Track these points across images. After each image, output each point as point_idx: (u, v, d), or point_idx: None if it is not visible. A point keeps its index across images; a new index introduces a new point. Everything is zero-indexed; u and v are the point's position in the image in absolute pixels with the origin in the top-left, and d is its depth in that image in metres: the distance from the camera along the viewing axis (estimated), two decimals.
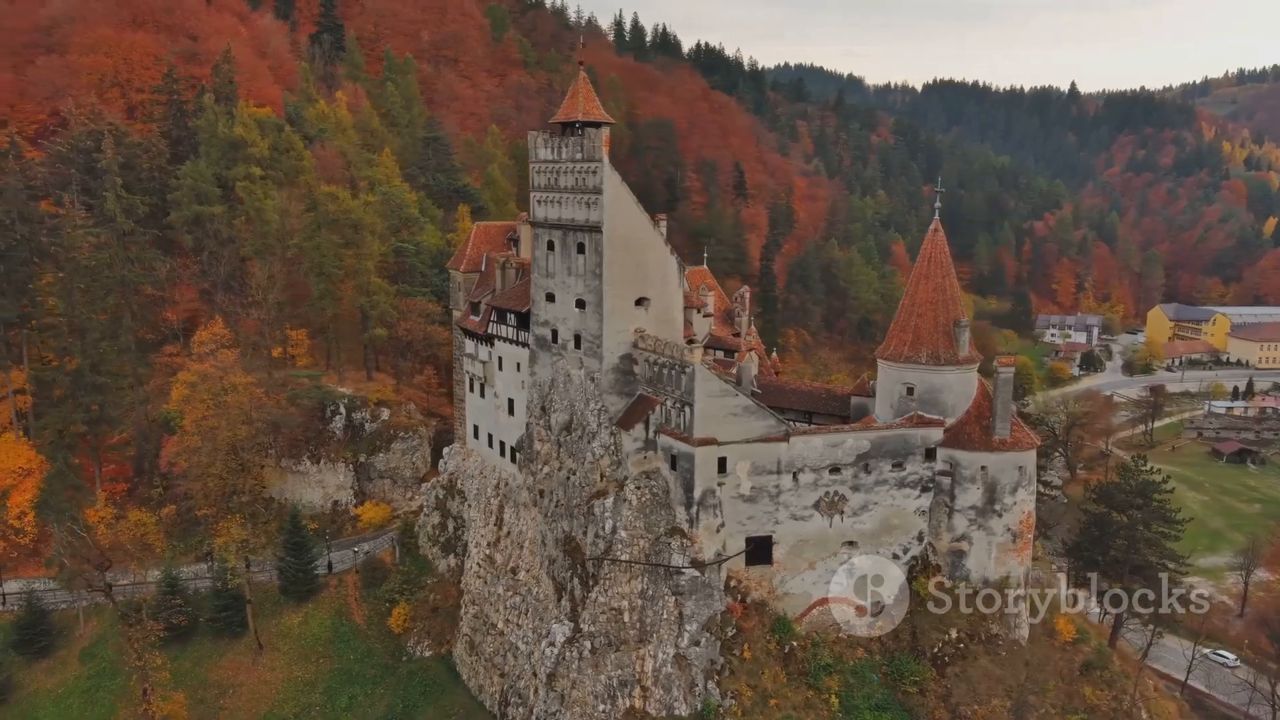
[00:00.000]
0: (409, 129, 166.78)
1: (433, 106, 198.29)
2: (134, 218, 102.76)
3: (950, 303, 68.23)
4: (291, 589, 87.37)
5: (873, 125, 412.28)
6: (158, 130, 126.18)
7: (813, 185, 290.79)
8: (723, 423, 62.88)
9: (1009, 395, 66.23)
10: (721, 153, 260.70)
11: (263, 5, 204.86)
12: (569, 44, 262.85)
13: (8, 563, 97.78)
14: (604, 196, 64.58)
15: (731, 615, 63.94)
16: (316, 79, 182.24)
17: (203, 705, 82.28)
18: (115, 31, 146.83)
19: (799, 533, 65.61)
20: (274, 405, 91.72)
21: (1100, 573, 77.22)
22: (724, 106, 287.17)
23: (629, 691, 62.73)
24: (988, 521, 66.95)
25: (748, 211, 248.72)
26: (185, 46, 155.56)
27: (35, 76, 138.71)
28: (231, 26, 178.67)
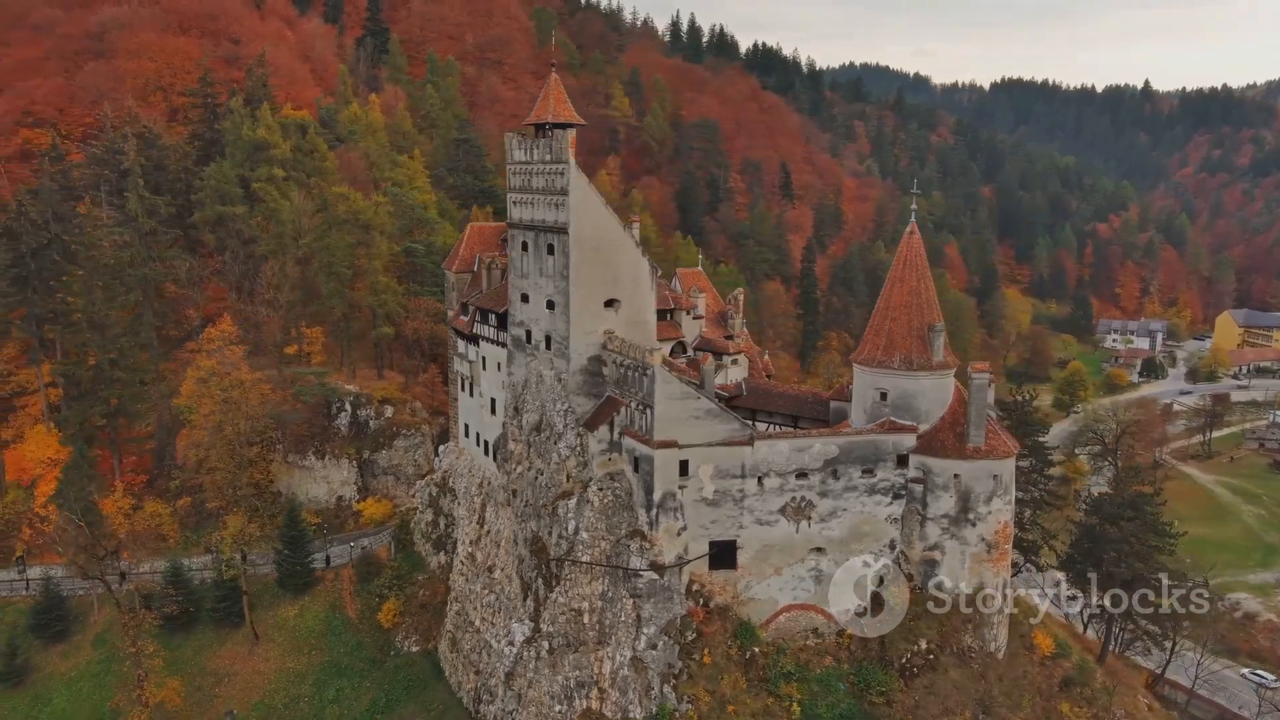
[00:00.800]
0: (444, 130, 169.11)
1: (474, 109, 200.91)
2: (157, 218, 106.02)
3: (925, 307, 66.96)
4: (288, 581, 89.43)
5: (932, 125, 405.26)
6: (192, 133, 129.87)
7: (863, 186, 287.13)
8: (684, 425, 62.58)
9: (984, 402, 64.70)
10: (768, 153, 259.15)
11: (312, 10, 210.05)
12: (616, 45, 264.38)
13: (34, 549, 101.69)
14: (570, 198, 64.78)
15: (692, 619, 63.57)
16: (360, 82, 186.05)
17: (199, 692, 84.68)
18: (159, 37, 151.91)
19: (764, 538, 64.95)
20: (279, 402, 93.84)
21: (1095, 584, 74.91)
22: (773, 107, 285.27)
23: (586, 693, 62.82)
24: (961, 531, 65.50)
25: (793, 212, 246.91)
26: (227, 51, 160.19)
27: (82, 81, 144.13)
28: (277, 31, 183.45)
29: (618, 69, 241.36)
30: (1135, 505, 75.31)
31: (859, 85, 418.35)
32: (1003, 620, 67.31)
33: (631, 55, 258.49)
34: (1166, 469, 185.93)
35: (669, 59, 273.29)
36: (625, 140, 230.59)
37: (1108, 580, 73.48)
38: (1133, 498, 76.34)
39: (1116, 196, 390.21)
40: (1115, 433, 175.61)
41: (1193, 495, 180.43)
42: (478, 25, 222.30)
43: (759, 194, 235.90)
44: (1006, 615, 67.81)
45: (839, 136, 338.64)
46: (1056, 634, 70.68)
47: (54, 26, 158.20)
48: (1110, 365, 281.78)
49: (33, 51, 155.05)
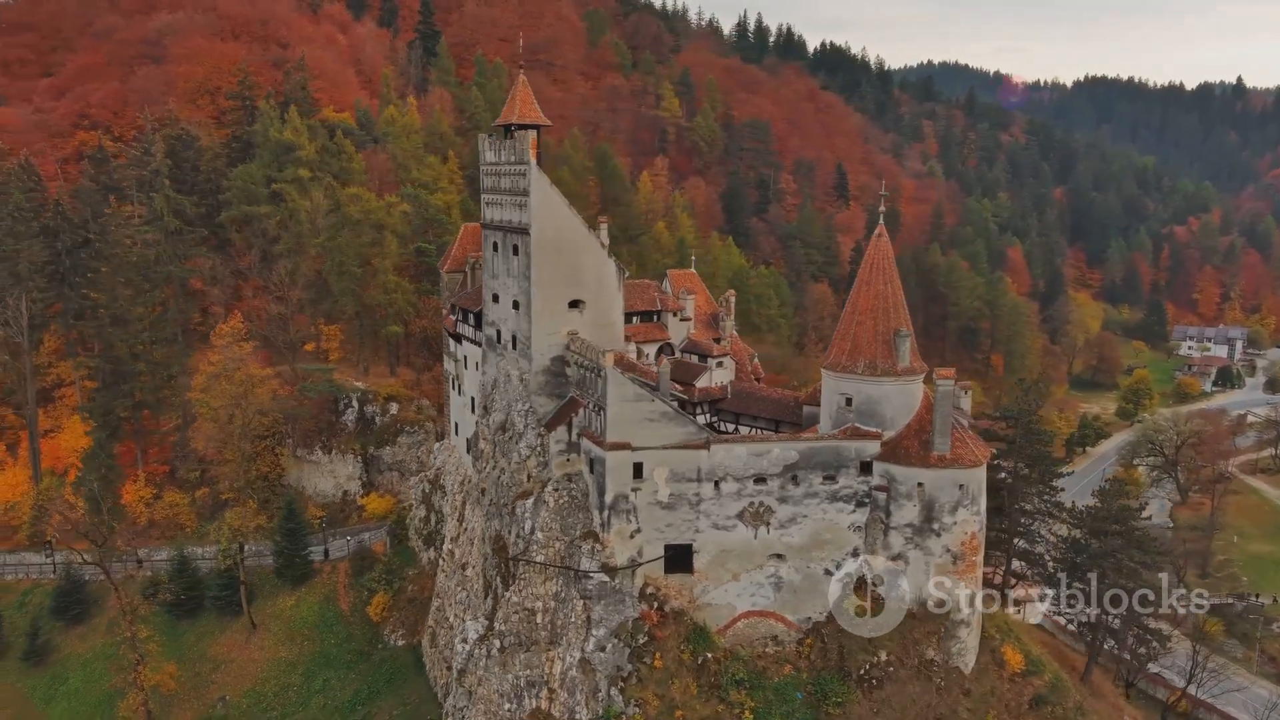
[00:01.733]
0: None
1: None
2: (183, 217, 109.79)
3: (891, 311, 65.49)
4: (286, 573, 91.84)
5: (1004, 124, 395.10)
6: (231, 135, 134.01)
7: (923, 187, 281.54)
8: (638, 427, 62.34)
9: (948, 409, 63.04)
10: (824, 154, 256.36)
11: (367, 15, 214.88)
12: (670, 46, 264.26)
13: (62, 534, 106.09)
14: (530, 199, 65.14)
15: (644, 622, 63.31)
16: (408, 84, 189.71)
17: (197, 678, 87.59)
18: (209, 42, 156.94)
19: (721, 543, 64.31)
20: (288, 397, 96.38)
21: (1083, 598, 72.35)
22: (831, 107, 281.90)
23: (537, 692, 63.14)
24: (925, 541, 63.92)
25: (845, 214, 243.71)
26: (276, 55, 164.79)
27: (135, 85, 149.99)
28: (328, 35, 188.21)
29: (669, 69, 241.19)
30: (1121, 519, 72.47)
31: (930, 84, 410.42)
32: (971, 633, 65.54)
33: (686, 56, 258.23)
34: (1230, 482, 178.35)
35: (724, 59, 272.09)
36: (675, 141, 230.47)
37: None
38: (1118, 511, 73.37)
39: (1197, 198, 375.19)
40: (1175, 444, 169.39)
41: (1258, 511, 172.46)
42: (529, 28, 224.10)
43: (809, 194, 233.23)
44: (975, 629, 66.04)
45: (905, 136, 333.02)
46: (1030, 650, 68.44)
47: (113, 33, 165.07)
48: (1183, 373, 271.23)
49: (93, 57, 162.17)
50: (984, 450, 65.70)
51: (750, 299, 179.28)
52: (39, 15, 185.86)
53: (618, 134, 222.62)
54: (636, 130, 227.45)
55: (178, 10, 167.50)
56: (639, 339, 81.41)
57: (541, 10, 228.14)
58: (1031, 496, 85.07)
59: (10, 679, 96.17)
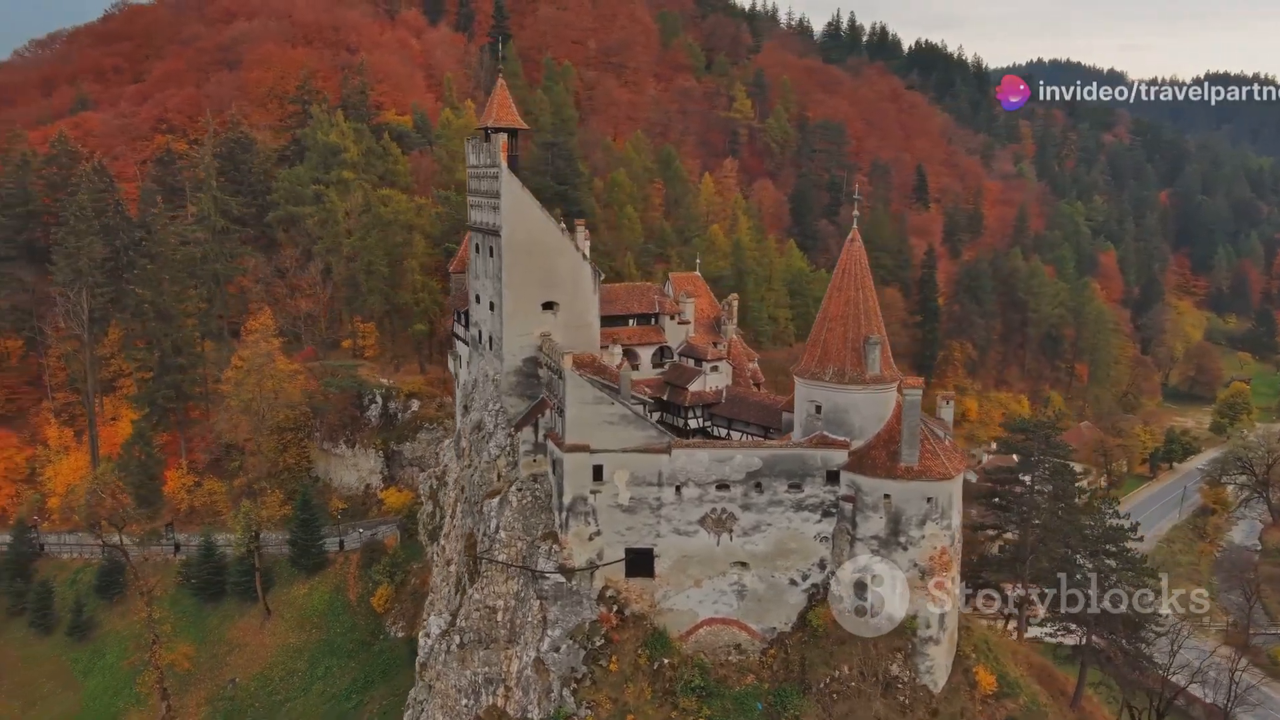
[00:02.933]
0: (546, 135, 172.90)
1: (591, 113, 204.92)
2: (229, 217, 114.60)
3: (862, 318, 63.96)
4: (300, 561, 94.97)
5: (1109, 124, 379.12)
6: (291, 138, 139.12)
7: (1009, 189, 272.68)
8: (597, 430, 62.40)
9: (916, 419, 61.20)
10: (902, 155, 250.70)
11: (444, 20, 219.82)
12: (747, 47, 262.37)
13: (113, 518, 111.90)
14: (501, 201, 65.89)
15: (602, 625, 63.38)
16: (477, 87, 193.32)
17: (214, 659, 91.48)
18: (279, 48, 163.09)
19: (683, 548, 63.86)
20: (311, 392, 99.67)
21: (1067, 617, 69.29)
22: (914, 107, 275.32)
23: (494, 690, 63.94)
24: (892, 554, 62.20)
25: (923, 216, 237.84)
26: (345, 60, 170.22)
27: (209, 90, 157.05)
28: (401, 40, 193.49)
29: (743, 70, 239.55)
30: (1112, 539, 68.97)
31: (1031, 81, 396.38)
32: (942, 651, 63.49)
33: (763, 57, 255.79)
34: None
35: (803, 59, 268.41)
36: (746, 143, 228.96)
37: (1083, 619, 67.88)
38: (1108, 531, 69.77)
39: None
40: (1266, 462, 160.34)
41: None
42: (601, 30, 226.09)
43: (881, 197, 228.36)
44: (947, 647, 63.96)
45: (998, 137, 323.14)
46: (1008, 671, 65.86)
47: (195, 41, 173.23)
48: None
49: (176, 64, 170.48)
50: (958, 463, 63.50)
51: (809, 303, 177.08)
52: (135, 25, 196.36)
53: (688, 136, 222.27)
54: (707, 132, 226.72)
55: (254, 18, 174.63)
56: (635, 341, 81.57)
57: (615, 12, 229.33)
58: (1044, 513, 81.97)
59: (57, 651, 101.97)
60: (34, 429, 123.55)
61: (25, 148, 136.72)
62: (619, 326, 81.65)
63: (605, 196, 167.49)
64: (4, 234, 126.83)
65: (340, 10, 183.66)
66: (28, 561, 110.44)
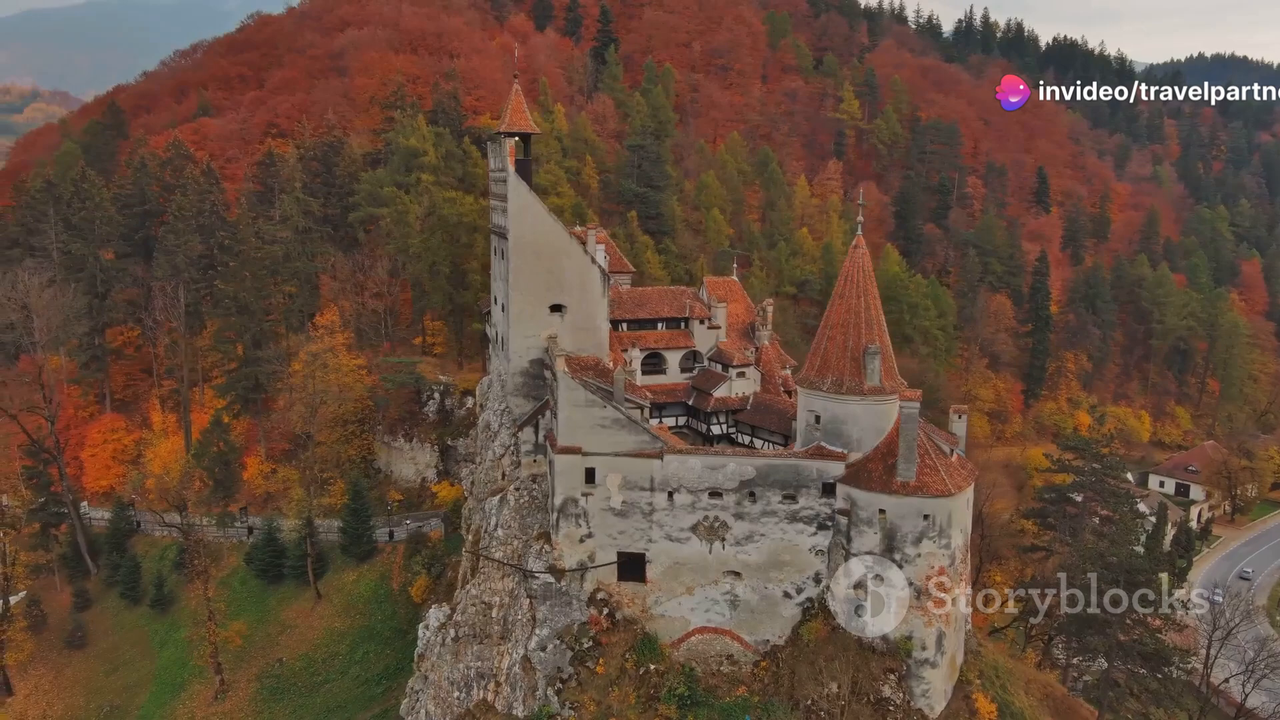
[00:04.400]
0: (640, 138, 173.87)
1: (693, 116, 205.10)
2: (312, 218, 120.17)
3: (864, 327, 62.10)
4: (350, 549, 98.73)
5: (1267, 123, 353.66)
6: (386, 141, 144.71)
7: (1139, 192, 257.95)
8: (590, 433, 62.71)
9: (914, 433, 59.00)
10: (1022, 157, 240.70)
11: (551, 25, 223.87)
12: (861, 47, 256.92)
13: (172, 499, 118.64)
14: (509, 204, 66.98)
15: (591, 627, 63.65)
16: (577, 92, 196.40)
17: (267, 638, 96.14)
18: (382, 55, 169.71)
19: (675, 554, 63.49)
20: (373, 386, 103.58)
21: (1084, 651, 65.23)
22: (1038, 106, 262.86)
23: (485, 684, 65.07)
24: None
25: (1041, 221, 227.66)
26: (447, 67, 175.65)
27: (316, 96, 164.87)
28: (506, 46, 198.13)
29: (853, 70, 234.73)
30: (1130, 571, 64.35)
31: (1177, 78, 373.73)
32: (939, 675, 61.02)
33: (877, 56, 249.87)
34: None
35: (920, 58, 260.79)
36: (853, 144, 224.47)
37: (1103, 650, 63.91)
38: (1129, 560, 65.12)
39: None
40: None
41: None
42: (707, 32, 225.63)
43: (995, 199, 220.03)
44: (946, 671, 61.42)
45: (1138, 138, 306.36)
46: (1011, 701, 62.68)
47: (308, 49, 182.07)
48: None
49: (291, 72, 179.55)
50: (960, 480, 60.84)
51: (904, 308, 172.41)
52: (261, 35, 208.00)
53: (794, 137, 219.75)
54: (814, 133, 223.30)
55: (364, 27, 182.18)
56: (662, 345, 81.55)
57: (721, 14, 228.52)
58: (1088, 536, 77.73)
59: (141, 621, 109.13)
60: (144, 414, 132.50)
61: (146, 151, 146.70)
62: (647, 330, 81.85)
63: (694, 199, 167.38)
64: (122, 232, 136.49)
65: (444, 18, 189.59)
66: (125, 537, 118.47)
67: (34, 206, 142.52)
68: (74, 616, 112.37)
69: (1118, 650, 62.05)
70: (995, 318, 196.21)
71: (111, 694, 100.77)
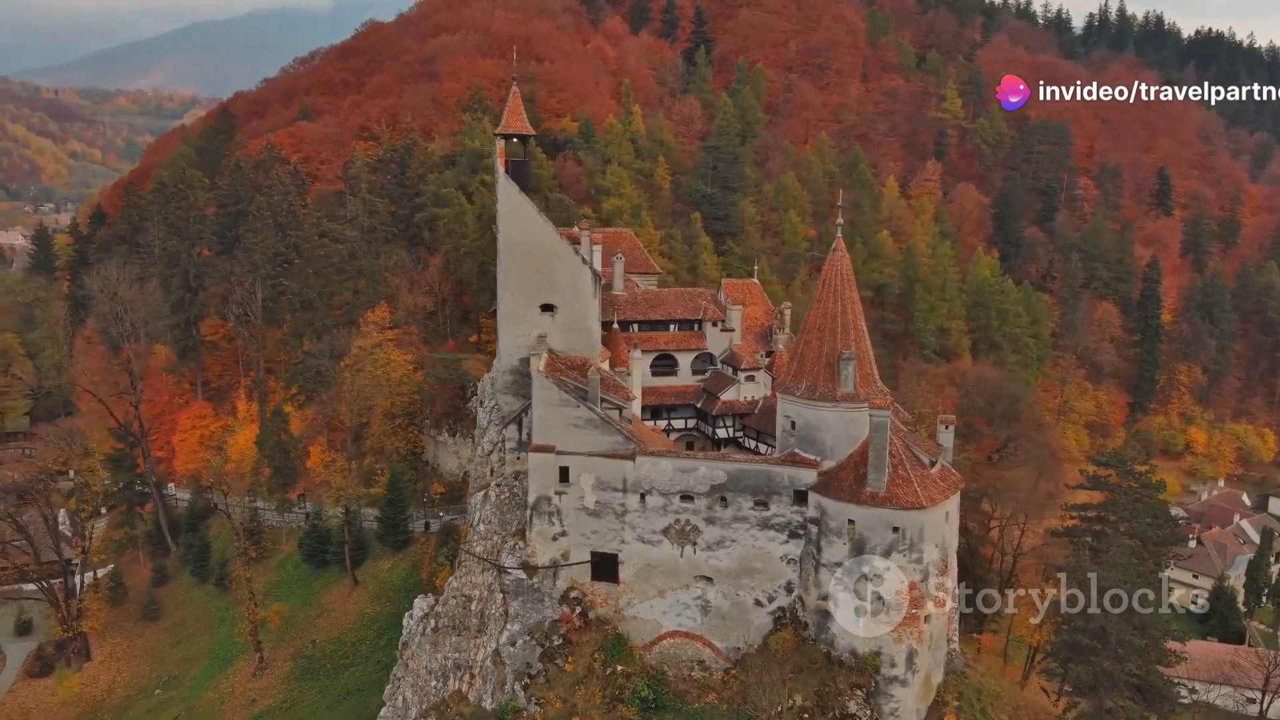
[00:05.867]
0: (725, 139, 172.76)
1: (787, 117, 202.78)
2: (378, 218, 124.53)
3: (840, 332, 60.42)
4: (387, 538, 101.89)
5: None
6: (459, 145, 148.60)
7: (1276, 194, 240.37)
8: (563, 432, 63.13)
9: (884, 443, 57.07)
10: (1144, 156, 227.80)
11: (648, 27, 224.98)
12: (974, 44, 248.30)
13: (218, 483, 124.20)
14: (499, 205, 68.05)
15: (562, 625, 64.00)
16: (667, 93, 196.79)
17: (304, 620, 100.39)
18: (469, 60, 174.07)
19: (647, 556, 63.25)
20: (415, 382, 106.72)
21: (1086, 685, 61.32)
22: (1162, 105, 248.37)
23: (461, 675, 66.29)
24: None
25: (1160, 224, 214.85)
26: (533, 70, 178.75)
27: (406, 100, 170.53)
28: (598, 49, 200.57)
29: (958, 68, 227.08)
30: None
31: None
32: (910, 694, 58.77)
33: (988, 52, 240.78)
34: None
35: (1036, 55, 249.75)
36: (955, 144, 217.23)
37: (1103, 683, 60.09)
38: (1129, 575, 60.57)
39: None
40: None
41: None
42: (805, 31, 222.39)
43: (1108, 202, 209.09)
44: (917, 689, 59.09)
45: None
46: None
47: (403, 54, 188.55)
48: None
49: (386, 77, 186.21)
50: (936, 493, 58.38)
51: (992, 315, 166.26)
52: (368, 42, 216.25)
53: (893, 137, 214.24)
54: (915, 133, 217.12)
55: (457, 32, 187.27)
56: (673, 346, 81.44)
57: (820, 13, 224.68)
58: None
59: (207, 599, 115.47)
60: (232, 403, 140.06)
61: (242, 154, 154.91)
62: (659, 331, 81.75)
63: (772, 201, 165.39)
64: (217, 230, 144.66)
65: (535, 22, 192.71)
66: (201, 519, 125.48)
67: (141, 206, 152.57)
68: (151, 591, 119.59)
69: (1105, 681, 58.25)
70: (1099, 326, 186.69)
71: (172, 664, 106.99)
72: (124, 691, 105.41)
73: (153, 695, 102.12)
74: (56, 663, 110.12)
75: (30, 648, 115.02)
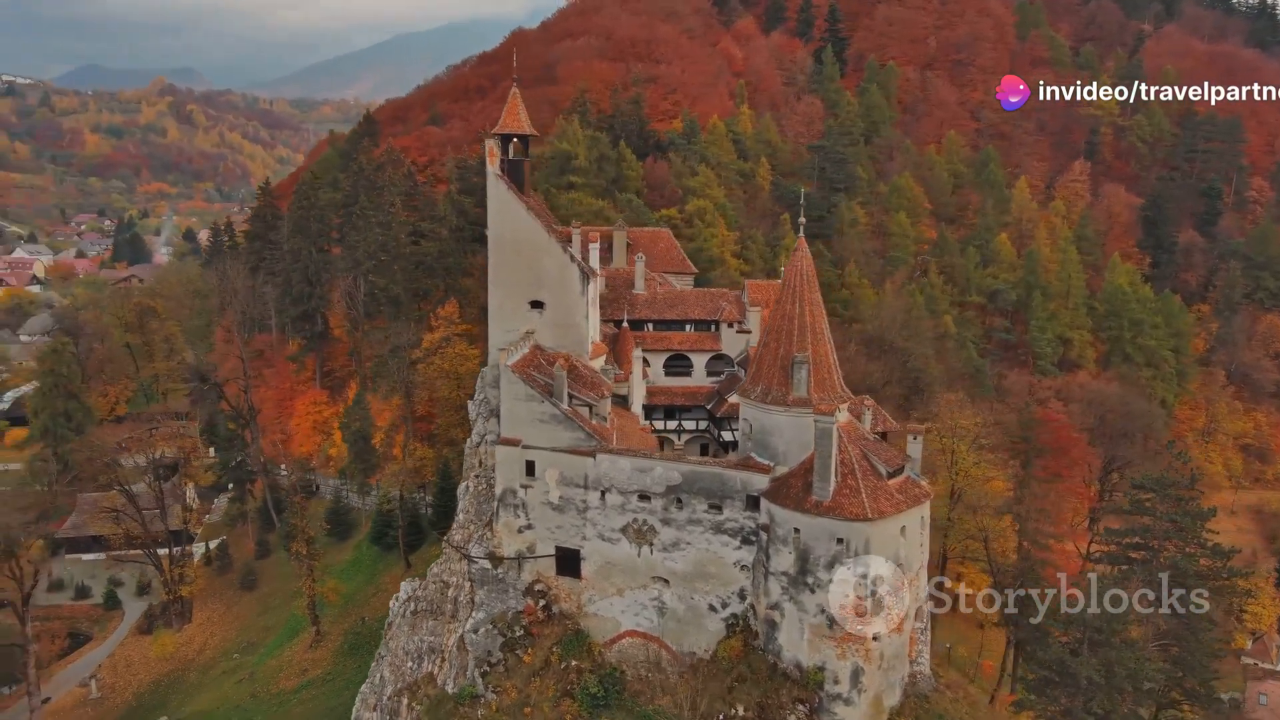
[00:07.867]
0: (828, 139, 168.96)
1: (923, 115, 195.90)
2: (465, 218, 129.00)
3: (795, 335, 58.27)
4: (438, 524, 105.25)
5: None
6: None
7: None
8: (530, 426, 63.81)
9: (830, 450, 54.70)
10: None
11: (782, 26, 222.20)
12: (1142, 35, 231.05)
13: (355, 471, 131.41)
14: (489, 203, 69.40)
15: (524, 616, 64.66)
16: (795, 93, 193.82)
17: (364, 598, 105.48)
18: (585, 64, 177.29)
19: (607, 554, 63.00)
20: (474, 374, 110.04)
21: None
22: None
23: (434, 659, 68.08)
24: (799, 595, 56.33)
25: None
26: (651, 73, 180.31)
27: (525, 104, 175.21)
28: (725, 50, 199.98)
29: (1118, 60, 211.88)
30: (1104, 628, 54.29)
31: None
32: (855, 713, 55.97)
33: (1157, 43, 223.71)
34: None
35: (1212, 45, 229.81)
36: (1109, 142, 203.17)
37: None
38: (1103, 619, 54.68)
39: None
40: None
41: None
42: (946, 27, 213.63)
43: (1275, 204, 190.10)
44: (863, 709, 56.17)
45: None
46: None
47: (530, 61, 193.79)
48: None
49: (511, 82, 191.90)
50: (885, 505, 55.21)
51: (1123, 325, 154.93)
52: (506, 49, 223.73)
53: (1042, 136, 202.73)
54: (1065, 131, 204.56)
55: (580, 37, 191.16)
56: (686, 347, 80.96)
57: (963, 8, 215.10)
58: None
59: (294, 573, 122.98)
60: (346, 392, 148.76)
61: (365, 157, 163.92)
62: (674, 331, 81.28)
63: (885, 202, 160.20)
64: (336, 230, 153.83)
65: (657, 26, 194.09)
66: (305, 498, 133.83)
67: (274, 206, 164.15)
68: (251, 563, 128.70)
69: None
70: (1261, 341, 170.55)
71: (254, 632, 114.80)
72: (212, 654, 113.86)
73: (231, 659, 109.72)
74: (160, 622, 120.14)
75: (144, 607, 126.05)
